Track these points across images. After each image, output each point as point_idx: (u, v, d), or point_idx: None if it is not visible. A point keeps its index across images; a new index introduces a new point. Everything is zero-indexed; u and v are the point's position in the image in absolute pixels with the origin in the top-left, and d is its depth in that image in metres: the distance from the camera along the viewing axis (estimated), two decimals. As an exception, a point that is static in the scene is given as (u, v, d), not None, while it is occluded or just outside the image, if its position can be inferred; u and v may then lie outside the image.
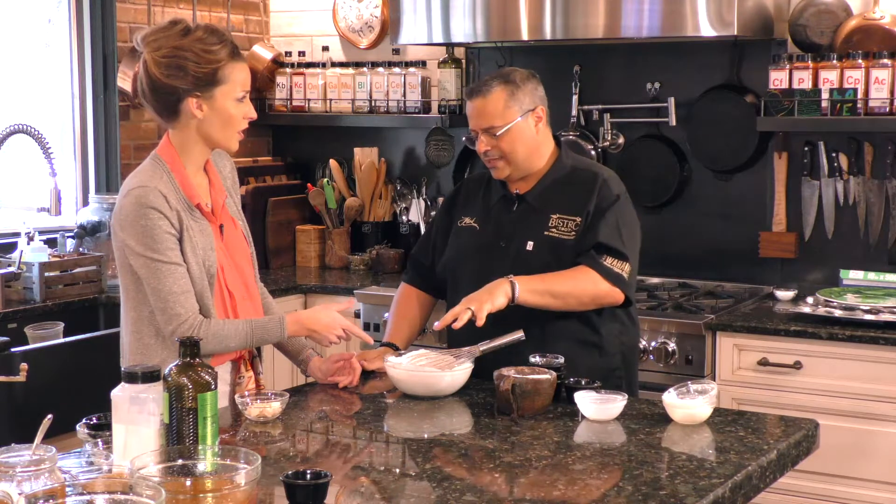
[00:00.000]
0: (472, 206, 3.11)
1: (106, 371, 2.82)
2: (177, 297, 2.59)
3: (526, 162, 3.00)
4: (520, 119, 2.95)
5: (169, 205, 2.61)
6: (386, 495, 2.13)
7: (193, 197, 2.69)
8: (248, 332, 2.67)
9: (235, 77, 2.67)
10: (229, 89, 2.66)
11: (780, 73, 4.03)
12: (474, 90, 2.99)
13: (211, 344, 2.60)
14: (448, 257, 3.11)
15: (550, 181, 3.01)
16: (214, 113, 2.66)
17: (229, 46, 2.67)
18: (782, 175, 4.26)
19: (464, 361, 2.77)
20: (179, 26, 2.67)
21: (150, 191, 2.60)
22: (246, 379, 2.80)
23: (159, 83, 2.63)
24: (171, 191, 2.65)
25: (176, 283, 2.59)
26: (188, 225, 2.64)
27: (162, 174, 2.66)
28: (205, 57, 2.63)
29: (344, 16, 5.08)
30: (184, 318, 2.59)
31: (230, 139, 2.72)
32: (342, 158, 5.04)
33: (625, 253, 2.92)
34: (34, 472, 1.84)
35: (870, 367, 3.56)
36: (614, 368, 3.02)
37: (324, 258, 5.01)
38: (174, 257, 2.60)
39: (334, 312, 2.79)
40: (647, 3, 3.97)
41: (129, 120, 4.64)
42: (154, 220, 2.58)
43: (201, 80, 2.63)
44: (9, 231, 4.30)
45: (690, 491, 2.08)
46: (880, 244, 4.13)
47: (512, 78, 2.98)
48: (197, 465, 1.96)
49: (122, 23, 4.58)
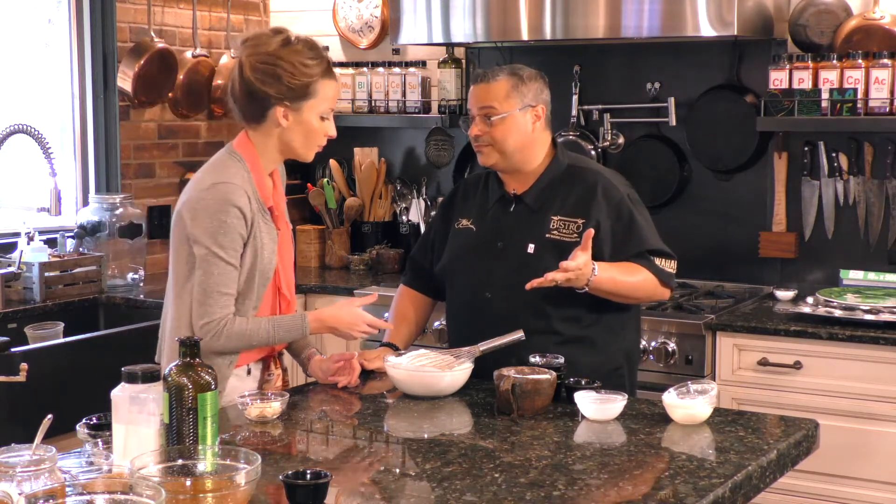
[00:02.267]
0: (468, 207, 3.11)
1: (106, 371, 2.82)
2: (219, 296, 2.65)
3: (516, 155, 2.98)
4: (518, 111, 2.95)
5: (250, 206, 2.68)
6: (386, 495, 2.13)
7: (267, 199, 2.75)
8: (270, 331, 2.71)
9: (325, 93, 2.72)
10: (317, 104, 2.71)
11: (780, 73, 4.03)
12: (480, 75, 3.01)
13: (234, 342, 2.66)
14: (445, 260, 3.11)
15: (547, 182, 3.01)
16: (299, 124, 2.72)
17: (325, 63, 2.73)
18: (782, 175, 4.26)
19: (464, 361, 2.77)
20: (282, 36, 2.73)
21: (236, 189, 2.66)
22: (275, 376, 2.85)
23: (253, 87, 2.69)
24: (251, 190, 2.70)
25: (224, 283, 2.65)
26: (257, 226, 2.70)
27: (243, 173, 2.71)
28: (300, 69, 2.68)
29: (344, 16, 5.08)
30: (217, 317, 2.65)
31: (308, 151, 2.77)
32: (342, 158, 5.04)
33: (669, 252, 2.99)
34: (34, 472, 1.84)
35: (870, 367, 3.56)
36: (617, 367, 3.02)
37: (324, 258, 5.01)
38: (235, 258, 2.66)
39: (356, 309, 2.81)
40: (647, 3, 3.97)
41: (129, 120, 4.64)
42: (233, 219, 2.64)
43: (293, 92, 2.69)
44: (9, 231, 4.30)
45: (690, 491, 2.08)
46: (880, 244, 4.13)
47: (519, 73, 3.00)
48: (197, 465, 1.96)
49: (122, 23, 4.58)
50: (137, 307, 4.16)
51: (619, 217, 2.95)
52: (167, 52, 4.63)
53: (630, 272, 2.91)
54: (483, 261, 3.00)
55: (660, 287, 2.96)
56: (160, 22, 4.71)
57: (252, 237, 2.69)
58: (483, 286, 2.98)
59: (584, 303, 2.90)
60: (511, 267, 2.94)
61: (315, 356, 2.93)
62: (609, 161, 4.44)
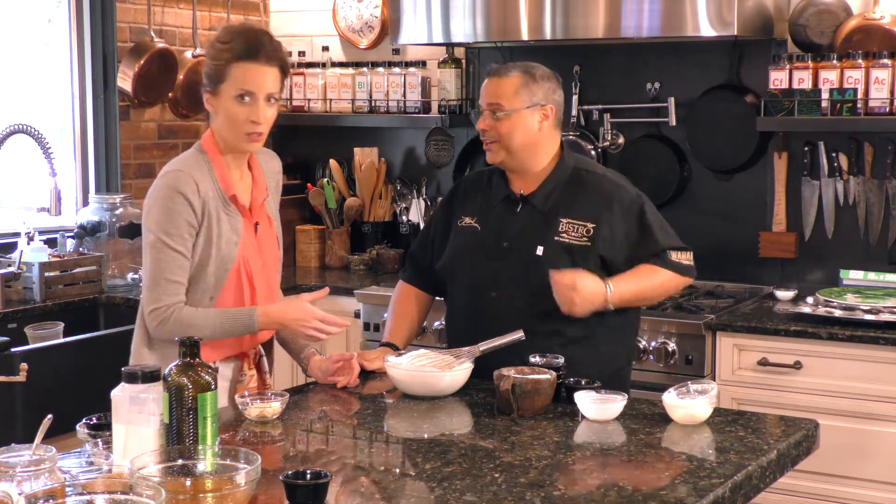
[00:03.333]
0: (471, 205, 3.10)
1: (106, 371, 2.82)
2: (167, 284, 2.67)
3: (521, 153, 2.98)
4: (525, 109, 2.95)
5: (199, 192, 2.68)
6: (386, 495, 2.13)
7: (230, 189, 2.74)
8: (216, 323, 2.68)
9: (237, 75, 2.70)
10: (229, 86, 2.70)
11: (780, 73, 4.03)
12: (493, 71, 3.01)
13: (181, 330, 2.63)
14: (448, 257, 3.09)
15: (555, 183, 3.00)
16: (220, 110, 2.74)
17: (245, 45, 2.70)
18: (782, 175, 4.26)
19: (464, 361, 2.77)
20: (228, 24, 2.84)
21: (182, 175, 2.69)
22: (248, 377, 2.82)
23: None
24: (208, 180, 2.71)
25: (171, 270, 2.66)
26: (217, 215, 2.70)
27: (202, 163, 2.74)
28: (213, 53, 2.72)
29: (344, 16, 5.08)
30: (164, 304, 2.67)
31: (237, 140, 2.74)
32: (342, 158, 5.04)
33: (683, 245, 3.02)
34: (34, 472, 1.84)
35: (870, 367, 3.56)
36: (620, 368, 3.04)
37: (324, 258, 5.01)
38: (182, 245, 2.67)
39: (305, 304, 2.75)
40: (647, 3, 3.97)
41: (129, 120, 4.64)
42: (178, 205, 2.66)
43: (210, 76, 2.73)
44: (9, 231, 4.30)
45: (690, 491, 2.08)
46: (880, 244, 4.13)
47: (532, 70, 3.00)
48: (197, 465, 1.96)
49: (122, 23, 4.58)
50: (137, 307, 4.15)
51: (632, 221, 2.96)
52: (167, 52, 4.63)
53: (648, 276, 2.94)
54: (488, 260, 2.99)
55: (682, 280, 3.02)
56: (160, 22, 4.71)
57: (206, 225, 2.69)
58: (488, 286, 2.97)
59: None
60: (518, 268, 2.94)
61: (315, 356, 2.93)
62: (609, 161, 4.44)
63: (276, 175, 2.95)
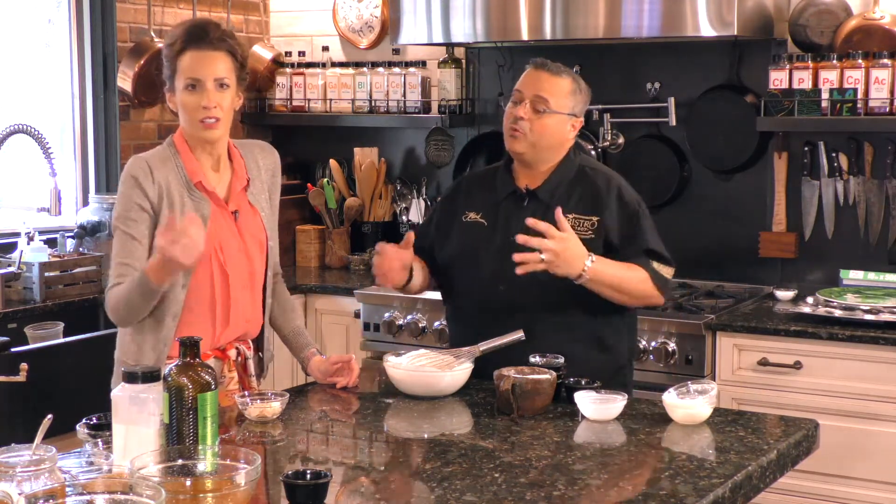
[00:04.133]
0: (476, 201, 3.10)
1: (106, 371, 2.83)
2: (116, 265, 2.72)
3: (544, 153, 3.00)
4: (566, 115, 2.98)
5: (152, 177, 2.70)
6: (386, 495, 2.13)
7: (194, 175, 2.75)
8: (125, 293, 2.67)
9: (183, 65, 2.72)
10: (179, 79, 2.73)
11: (780, 73, 4.03)
12: (547, 65, 3.01)
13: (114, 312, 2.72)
14: (454, 252, 3.08)
15: (560, 178, 3.02)
16: (178, 106, 2.76)
17: (186, 36, 2.71)
18: (782, 175, 4.26)
19: (464, 361, 2.77)
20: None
21: (138, 161, 2.74)
22: (227, 379, 2.80)
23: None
24: (170, 168, 2.73)
25: (121, 253, 2.71)
26: (179, 201, 2.72)
27: (166, 153, 2.77)
28: (166, 51, 2.75)
29: (344, 16, 5.08)
30: (108, 287, 2.73)
31: (194, 129, 2.75)
32: (342, 158, 5.04)
33: (669, 257, 2.99)
34: (34, 472, 1.84)
35: (870, 367, 3.56)
36: (622, 367, 3.04)
37: (324, 258, 5.01)
38: (134, 229, 2.70)
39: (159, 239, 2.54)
40: (647, 3, 3.97)
41: (129, 120, 4.63)
42: (129, 189, 2.71)
43: (166, 74, 2.76)
44: (9, 231, 4.29)
45: (690, 491, 2.08)
46: (880, 244, 4.13)
47: (579, 81, 3.03)
48: (197, 465, 1.96)
49: (122, 23, 4.58)
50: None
51: (627, 219, 2.98)
52: (167, 52, 4.62)
53: (627, 269, 2.92)
54: (496, 255, 2.98)
55: (655, 291, 2.96)
56: (160, 22, 4.71)
57: (165, 209, 2.69)
58: (496, 279, 2.96)
59: (597, 301, 2.90)
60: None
61: (314, 357, 2.92)
62: (609, 161, 4.43)
63: (273, 168, 2.93)
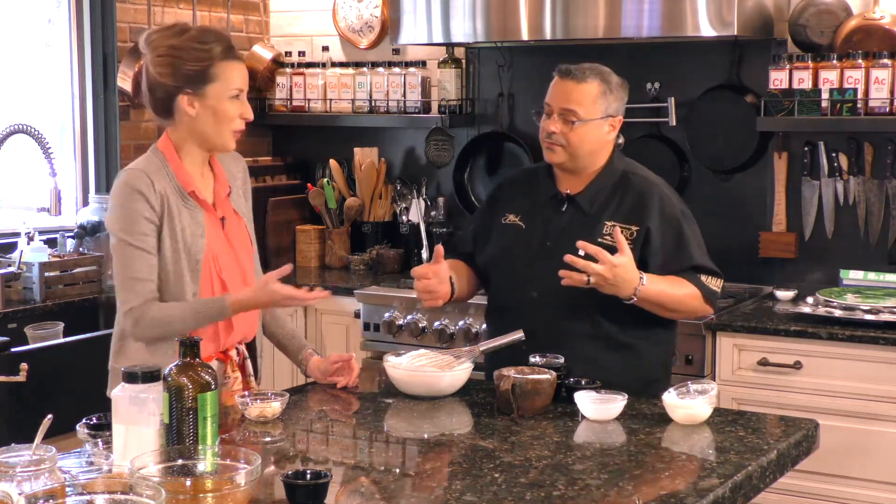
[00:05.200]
0: (516, 203, 3.05)
1: (106, 371, 2.82)
2: (135, 283, 2.66)
3: (585, 160, 2.96)
4: (600, 119, 2.93)
5: (154, 188, 2.68)
6: (386, 495, 2.13)
7: (187, 184, 2.74)
8: (189, 314, 2.67)
9: (227, 75, 2.71)
10: (220, 87, 2.70)
11: (780, 73, 4.03)
12: (570, 71, 2.95)
13: (155, 329, 2.65)
14: (492, 254, 3.05)
15: (602, 185, 2.97)
16: (207, 111, 2.71)
17: (223, 45, 2.72)
18: (782, 175, 4.26)
19: (464, 361, 2.77)
20: (177, 27, 2.76)
21: (136, 173, 2.70)
22: (231, 380, 2.80)
23: (155, 81, 2.72)
24: (164, 177, 2.71)
25: (138, 269, 2.66)
26: (176, 210, 2.70)
27: (157, 162, 2.74)
28: (195, 55, 2.69)
29: (344, 16, 5.08)
30: (135, 304, 2.65)
31: (224, 137, 2.75)
32: (342, 158, 5.04)
33: (717, 270, 2.96)
34: (34, 472, 1.84)
35: (870, 367, 3.56)
36: (655, 380, 2.95)
37: (324, 258, 5.01)
38: (145, 243, 2.67)
39: (272, 287, 2.69)
40: (647, 3, 3.97)
41: (129, 120, 4.63)
42: (135, 203, 2.66)
43: (192, 78, 2.69)
44: (9, 231, 4.29)
45: (690, 491, 2.08)
46: (880, 244, 4.12)
47: (608, 78, 2.96)
48: (197, 465, 1.96)
49: (122, 23, 4.58)
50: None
51: (671, 230, 2.94)
52: (167, 52, 4.62)
53: (677, 286, 2.89)
54: (531, 259, 2.96)
55: (703, 304, 2.94)
56: (160, 22, 4.70)
57: (167, 221, 2.69)
58: (530, 284, 2.95)
59: (631, 311, 2.86)
60: (561, 268, 2.85)
61: (313, 357, 2.92)
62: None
63: (242, 174, 2.94)
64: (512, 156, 4.76)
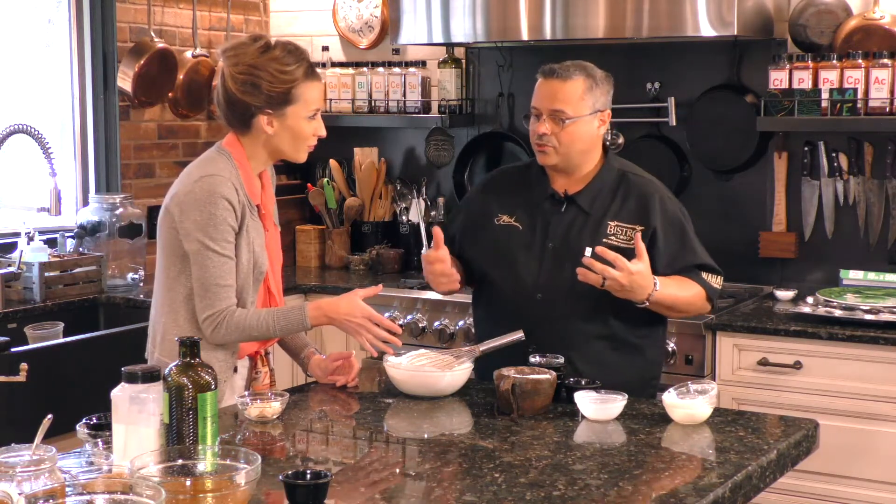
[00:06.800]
0: (510, 202, 3.02)
1: (106, 371, 2.82)
2: (218, 289, 2.67)
3: (577, 158, 2.94)
4: (588, 115, 2.91)
5: (238, 198, 2.69)
6: (386, 495, 2.13)
7: (255, 196, 2.77)
8: (270, 322, 2.70)
9: (308, 96, 2.73)
10: (301, 108, 2.72)
11: (780, 73, 4.03)
12: (554, 71, 2.93)
13: (235, 334, 2.68)
14: (485, 255, 3.02)
15: (601, 185, 2.96)
16: (285, 129, 2.73)
17: (304, 66, 2.72)
18: (782, 175, 4.26)
19: (464, 361, 2.77)
20: (259, 43, 2.73)
21: (224, 180, 2.68)
22: (262, 374, 2.86)
23: (234, 98, 2.71)
24: (239, 185, 2.72)
25: (221, 275, 2.67)
26: (248, 221, 2.72)
27: (230, 167, 2.73)
28: (279, 77, 2.69)
29: (344, 16, 5.08)
30: (217, 309, 2.67)
31: (298, 153, 2.80)
32: (342, 158, 5.04)
33: (717, 268, 2.98)
34: (34, 472, 1.84)
35: (870, 367, 3.56)
36: (654, 378, 3.01)
37: (324, 258, 5.01)
38: (228, 250, 2.67)
39: (355, 299, 2.75)
40: (647, 3, 3.97)
41: (129, 120, 4.63)
42: (221, 210, 2.66)
43: (274, 99, 2.70)
44: (9, 231, 4.29)
45: (690, 491, 2.08)
46: (880, 244, 4.13)
47: (593, 73, 2.95)
48: (197, 465, 1.96)
49: (122, 23, 4.58)
50: (137, 307, 4.15)
51: (674, 229, 2.94)
52: (167, 52, 4.62)
53: (686, 288, 2.90)
54: (532, 261, 2.94)
55: (707, 304, 2.96)
56: (160, 22, 4.71)
57: (244, 230, 2.71)
58: (533, 287, 2.93)
59: (635, 311, 2.86)
60: (566, 270, 2.86)
61: (314, 356, 2.93)
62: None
63: (275, 181, 2.99)
64: (512, 156, 4.75)
